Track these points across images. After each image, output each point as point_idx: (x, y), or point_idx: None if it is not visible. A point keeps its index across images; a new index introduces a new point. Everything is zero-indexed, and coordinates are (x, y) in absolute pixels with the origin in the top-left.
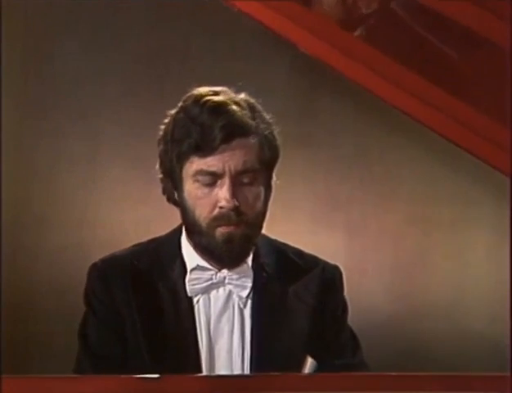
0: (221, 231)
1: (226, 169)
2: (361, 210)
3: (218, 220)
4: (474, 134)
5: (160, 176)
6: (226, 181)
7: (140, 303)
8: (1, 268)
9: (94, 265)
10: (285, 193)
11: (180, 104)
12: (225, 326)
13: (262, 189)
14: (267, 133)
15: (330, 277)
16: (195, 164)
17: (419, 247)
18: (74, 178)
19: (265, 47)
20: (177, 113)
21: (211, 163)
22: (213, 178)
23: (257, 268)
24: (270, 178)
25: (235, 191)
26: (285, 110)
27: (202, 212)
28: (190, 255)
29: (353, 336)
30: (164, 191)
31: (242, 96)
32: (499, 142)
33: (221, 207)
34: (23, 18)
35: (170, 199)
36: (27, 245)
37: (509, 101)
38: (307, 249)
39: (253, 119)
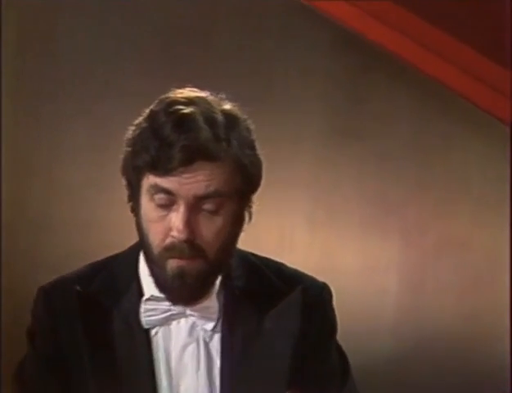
0: (172, 264)
1: (184, 192)
2: (418, 213)
3: (170, 251)
4: None
5: (124, 183)
6: (182, 207)
7: (89, 336)
8: (0, 273)
9: (40, 290)
10: (330, 194)
11: (151, 107)
12: (188, 363)
13: (229, 220)
14: (243, 158)
15: (314, 299)
16: (149, 180)
17: (487, 257)
18: (78, 175)
19: (301, 22)
20: (146, 118)
21: (167, 182)
22: (169, 199)
23: (226, 291)
24: (243, 205)
25: (191, 220)
26: (328, 96)
27: (155, 238)
28: (147, 280)
29: (343, 361)
30: (128, 200)
31: (226, 106)
32: None
33: (173, 236)
34: None
35: (133, 210)
36: (25, 251)
37: None
38: (356, 258)
39: (227, 140)
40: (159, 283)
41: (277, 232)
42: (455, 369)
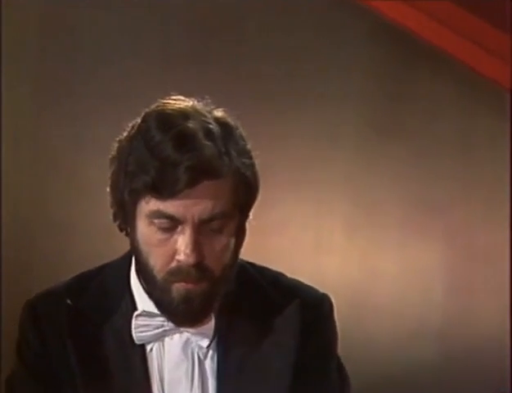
0: (178, 287)
1: (189, 216)
2: (464, 215)
3: (176, 275)
4: None
5: (110, 200)
6: (188, 230)
7: (79, 353)
8: (1, 275)
9: (27, 304)
10: (368, 194)
11: (139, 121)
12: (182, 381)
13: (233, 236)
14: (243, 169)
15: (312, 313)
16: (150, 204)
17: None
18: (102, 174)
19: (338, 14)
20: (135, 135)
21: (170, 207)
22: (173, 223)
23: (221, 308)
24: (245, 219)
25: (198, 243)
26: (367, 92)
27: (157, 263)
28: (140, 294)
29: (343, 382)
30: (115, 219)
31: (218, 114)
32: None
33: (179, 260)
34: None
35: (122, 230)
36: (45, 252)
37: None
38: (396, 261)
39: (227, 153)
40: (162, 307)
41: (313, 234)
42: (505, 375)
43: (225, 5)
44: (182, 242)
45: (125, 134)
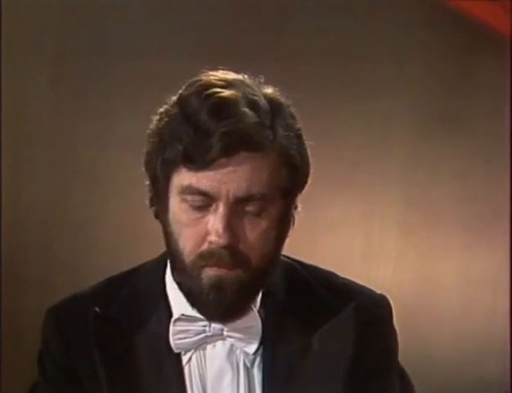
0: (208, 273)
1: (223, 192)
2: None
3: (206, 259)
4: None
5: (147, 183)
6: (221, 208)
7: (108, 364)
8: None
9: (51, 310)
10: (425, 193)
11: (180, 91)
12: (227, 392)
13: (274, 223)
14: (289, 148)
15: (369, 316)
16: (182, 178)
17: None
18: (125, 173)
19: None
20: (174, 105)
21: (203, 180)
22: (206, 200)
23: (268, 309)
24: (289, 207)
25: (231, 223)
26: (424, 82)
27: (187, 244)
28: (177, 298)
29: (404, 383)
30: (151, 204)
31: (268, 90)
32: None
33: (210, 242)
34: None
35: (157, 215)
36: (66, 257)
37: None
38: (457, 269)
39: (272, 128)
40: (192, 297)
41: (363, 238)
42: None
43: None
44: (214, 221)
45: (165, 106)
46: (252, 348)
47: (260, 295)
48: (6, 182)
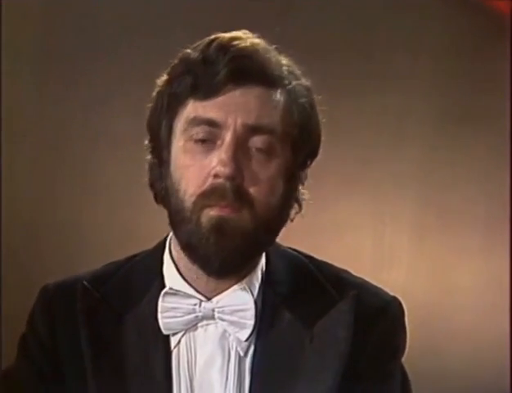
0: (209, 213)
1: (231, 120)
2: None
3: (208, 196)
4: None
5: (148, 157)
6: (228, 137)
7: (94, 344)
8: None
9: (43, 289)
10: (442, 193)
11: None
12: (215, 382)
13: (282, 171)
14: (302, 100)
15: (375, 311)
16: (188, 111)
17: None
18: (117, 172)
19: None
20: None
21: (210, 109)
22: (212, 132)
23: (264, 296)
24: (298, 168)
25: (238, 156)
26: (440, 74)
27: (189, 185)
28: (172, 275)
29: (403, 385)
30: (152, 183)
31: (285, 61)
32: None
33: (215, 175)
34: None
35: (158, 195)
36: (54, 261)
37: None
38: (477, 274)
39: (287, 78)
40: (190, 247)
41: (373, 241)
42: None
43: None
44: (220, 152)
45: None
46: (245, 334)
47: (259, 283)
48: None
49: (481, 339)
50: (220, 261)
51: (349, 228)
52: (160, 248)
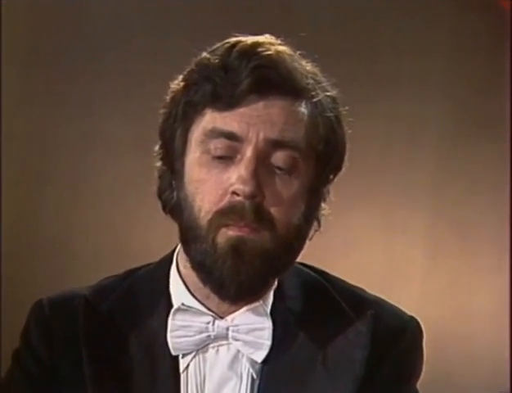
0: (227, 234)
1: (252, 134)
2: None
3: (226, 216)
4: None
5: (158, 164)
6: (249, 152)
7: (95, 363)
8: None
9: (38, 304)
10: (457, 205)
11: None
12: None
13: (305, 189)
14: (328, 111)
15: (392, 331)
16: (205, 121)
17: None
18: (109, 179)
19: None
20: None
21: (229, 121)
22: (231, 147)
23: (276, 312)
24: (321, 182)
25: (259, 173)
26: (455, 78)
27: (204, 202)
28: (180, 292)
29: None
30: (161, 192)
31: (308, 66)
32: None
33: (233, 193)
34: None
35: (166, 206)
36: (40, 280)
37: None
38: (495, 296)
39: (313, 86)
40: (204, 269)
41: (384, 255)
42: None
43: None
44: (239, 168)
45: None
46: (261, 355)
47: (271, 300)
48: None
49: (501, 364)
50: (236, 286)
51: (359, 242)
52: (167, 263)
